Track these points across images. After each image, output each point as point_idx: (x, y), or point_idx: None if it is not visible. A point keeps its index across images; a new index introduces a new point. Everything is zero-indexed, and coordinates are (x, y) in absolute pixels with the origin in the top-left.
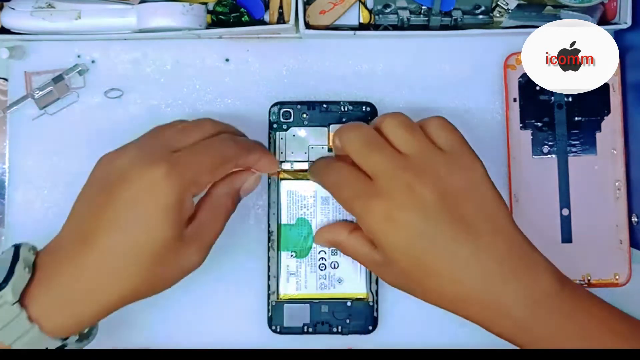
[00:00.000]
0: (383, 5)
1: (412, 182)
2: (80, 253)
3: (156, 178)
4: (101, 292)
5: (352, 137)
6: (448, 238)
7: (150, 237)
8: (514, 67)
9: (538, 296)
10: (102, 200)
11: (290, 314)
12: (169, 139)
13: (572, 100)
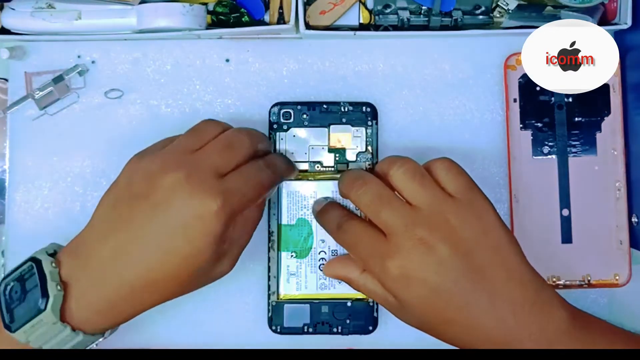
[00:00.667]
0: (383, 5)
1: (425, 238)
2: (120, 270)
3: (209, 211)
4: (139, 302)
5: (361, 193)
6: (464, 289)
7: (194, 260)
8: (514, 68)
9: (552, 336)
10: (145, 218)
11: (290, 314)
12: (214, 160)
13: (572, 100)
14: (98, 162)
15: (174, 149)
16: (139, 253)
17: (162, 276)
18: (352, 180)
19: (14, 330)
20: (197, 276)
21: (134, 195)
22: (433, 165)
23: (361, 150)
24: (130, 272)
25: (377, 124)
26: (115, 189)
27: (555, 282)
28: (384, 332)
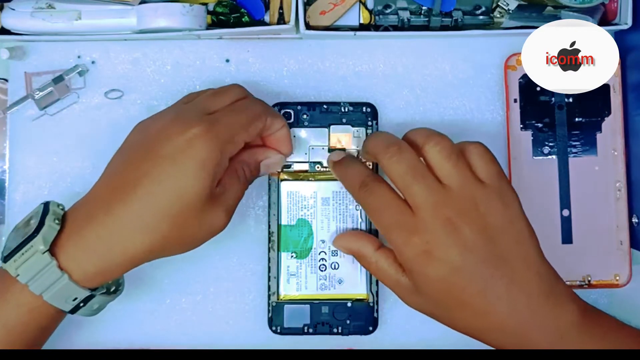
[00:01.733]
0: (383, 5)
1: (453, 219)
2: (112, 202)
3: (195, 135)
4: (131, 242)
5: (395, 161)
6: (484, 274)
7: (184, 189)
8: (515, 68)
9: (563, 328)
10: (139, 156)
11: (290, 315)
12: (203, 103)
13: (573, 101)
14: (98, 162)
15: (173, 107)
16: (132, 187)
17: (152, 208)
18: (385, 143)
19: (6, 260)
20: (191, 215)
21: (132, 144)
22: (467, 148)
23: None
24: (121, 205)
25: (377, 124)
26: (119, 149)
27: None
28: (384, 332)
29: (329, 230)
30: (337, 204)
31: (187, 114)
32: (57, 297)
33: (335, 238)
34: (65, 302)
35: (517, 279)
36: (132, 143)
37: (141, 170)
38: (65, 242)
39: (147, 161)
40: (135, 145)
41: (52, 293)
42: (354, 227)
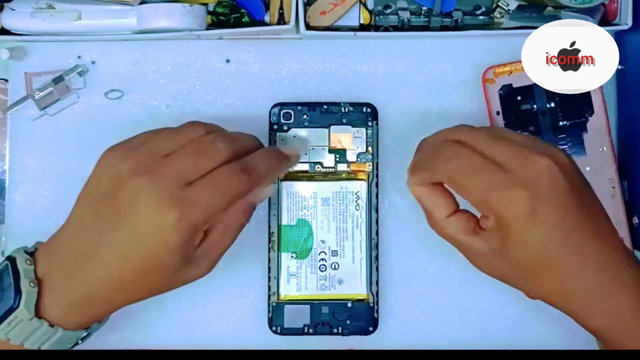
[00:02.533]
0: (383, 6)
1: (551, 169)
2: (87, 267)
3: (166, 223)
4: (110, 301)
5: (467, 132)
6: (581, 235)
7: (154, 267)
8: (493, 81)
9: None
10: (109, 220)
11: (290, 315)
12: (181, 167)
13: (555, 105)
14: None
15: (146, 149)
16: (104, 254)
17: (127, 278)
18: (447, 130)
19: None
20: (162, 281)
21: (101, 194)
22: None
23: (361, 151)
24: (98, 271)
25: (377, 125)
26: (87, 187)
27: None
28: (384, 333)
29: (329, 230)
30: (337, 204)
31: (164, 186)
32: (55, 345)
33: (414, 169)
34: (64, 345)
35: (605, 236)
36: (103, 192)
37: (111, 242)
38: (48, 301)
39: (116, 232)
40: (106, 199)
41: (49, 344)
42: (354, 227)
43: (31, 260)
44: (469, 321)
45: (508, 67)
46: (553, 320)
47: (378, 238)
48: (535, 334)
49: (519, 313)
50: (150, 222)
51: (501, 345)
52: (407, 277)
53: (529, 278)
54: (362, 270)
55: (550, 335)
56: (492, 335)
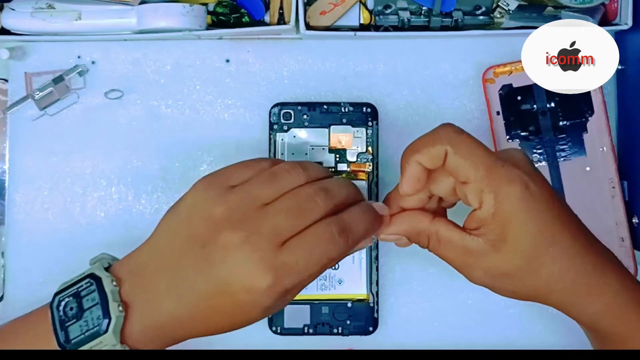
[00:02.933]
0: (383, 6)
1: (528, 161)
2: (174, 306)
3: (258, 288)
4: (187, 333)
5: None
6: (567, 209)
7: (239, 320)
8: (493, 81)
9: (625, 299)
10: (200, 266)
11: (290, 315)
12: (279, 224)
13: (555, 105)
14: (98, 162)
15: (243, 196)
16: (192, 300)
17: (204, 326)
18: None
19: (70, 349)
20: (242, 326)
21: (191, 235)
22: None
23: (361, 150)
24: (184, 314)
25: (377, 125)
26: (176, 217)
27: None
28: (384, 333)
29: None
30: None
31: (260, 245)
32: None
33: (381, 232)
34: None
35: (591, 239)
36: (194, 235)
37: (199, 289)
38: (128, 328)
39: (206, 281)
40: (197, 242)
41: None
42: None
43: (117, 282)
44: (469, 321)
45: (508, 67)
46: (553, 320)
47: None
48: (535, 334)
49: (519, 313)
50: (242, 282)
51: (501, 345)
52: (407, 277)
53: (523, 268)
54: (362, 271)
55: (550, 335)
56: (492, 335)
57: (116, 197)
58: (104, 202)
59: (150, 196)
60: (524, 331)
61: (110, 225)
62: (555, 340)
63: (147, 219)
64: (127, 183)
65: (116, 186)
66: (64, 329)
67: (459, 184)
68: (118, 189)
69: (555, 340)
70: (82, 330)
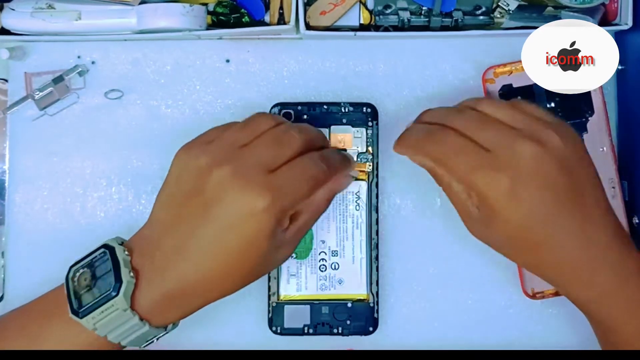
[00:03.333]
0: (383, 6)
1: (533, 152)
2: (181, 264)
3: (258, 208)
4: (202, 296)
5: (460, 117)
6: (562, 211)
7: (250, 256)
8: (493, 81)
9: (630, 271)
10: (199, 215)
11: (290, 315)
12: (262, 155)
13: (555, 105)
14: (98, 162)
15: (222, 142)
16: (195, 250)
17: (219, 273)
18: (445, 112)
19: (83, 315)
20: (255, 269)
21: (184, 192)
22: (513, 101)
23: (361, 151)
24: (190, 268)
25: (377, 125)
26: (167, 187)
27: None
28: (384, 333)
29: (329, 230)
30: (337, 204)
31: (249, 173)
32: (135, 342)
33: (402, 142)
34: (142, 342)
35: (591, 215)
36: (187, 190)
37: (203, 236)
38: (141, 295)
39: (207, 226)
40: (191, 195)
41: (131, 339)
42: (354, 227)
43: (128, 251)
44: (469, 321)
45: (508, 67)
46: (553, 320)
47: (378, 238)
48: (535, 334)
49: (519, 313)
50: (242, 209)
51: (501, 346)
52: (407, 277)
53: (512, 250)
54: (362, 271)
55: (551, 335)
56: (492, 335)
57: (116, 197)
58: (104, 202)
59: (150, 196)
60: (524, 331)
61: (110, 226)
62: (555, 340)
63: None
64: (127, 183)
65: (116, 186)
66: (77, 298)
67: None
68: (118, 189)
69: (555, 341)
70: (94, 296)
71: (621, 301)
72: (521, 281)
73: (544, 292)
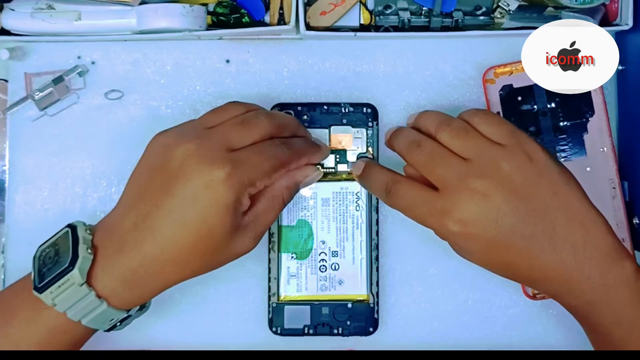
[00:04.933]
0: (384, 6)
1: (479, 187)
2: (139, 239)
3: (217, 179)
4: (161, 275)
5: (416, 154)
6: (524, 233)
7: (209, 231)
8: (493, 82)
9: (612, 283)
10: (160, 189)
11: (290, 316)
12: (227, 135)
13: (555, 106)
14: (98, 163)
15: (191, 124)
16: (157, 225)
17: (179, 248)
18: (406, 141)
19: (42, 290)
20: (215, 248)
21: (151, 167)
22: (472, 120)
23: (362, 151)
24: (150, 243)
25: (377, 125)
26: (138, 165)
27: None
28: (384, 333)
29: (329, 231)
30: (337, 204)
31: (210, 150)
32: (95, 322)
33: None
34: (103, 324)
35: (559, 232)
36: (152, 166)
37: (164, 209)
38: (99, 272)
39: (168, 199)
40: (156, 171)
41: (90, 318)
42: (354, 227)
43: (91, 231)
44: (469, 322)
45: (508, 68)
46: (553, 321)
47: (378, 239)
48: (535, 334)
49: (519, 313)
50: (200, 180)
51: (501, 346)
52: (408, 278)
53: (495, 270)
54: (363, 271)
55: (550, 335)
56: (492, 335)
57: (116, 198)
58: (104, 203)
59: None
60: (524, 332)
61: None
62: (555, 341)
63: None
64: None
65: (116, 187)
66: (40, 275)
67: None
68: (118, 189)
69: (555, 341)
70: (53, 273)
71: (609, 307)
72: None
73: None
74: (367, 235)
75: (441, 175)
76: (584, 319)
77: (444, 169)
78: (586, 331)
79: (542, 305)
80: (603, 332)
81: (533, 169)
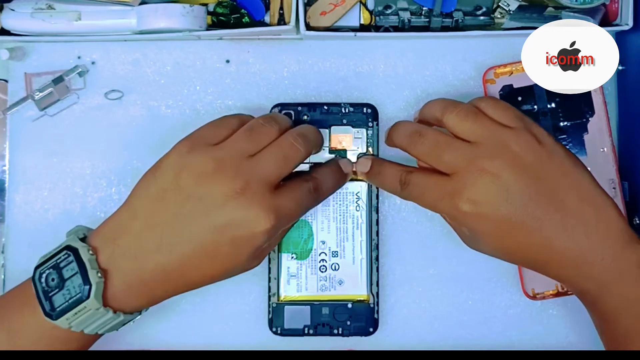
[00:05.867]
0: (384, 6)
1: (489, 167)
2: (154, 254)
3: (261, 228)
4: (173, 287)
5: (420, 145)
6: (537, 213)
7: (232, 264)
8: (493, 82)
9: (624, 265)
10: (191, 217)
11: (290, 316)
12: (270, 169)
13: (556, 106)
14: (98, 163)
15: (231, 151)
16: (183, 249)
17: (200, 272)
18: (407, 133)
19: (56, 317)
20: (230, 273)
21: (184, 192)
22: (479, 104)
23: (362, 151)
24: (171, 260)
25: (377, 125)
26: (161, 179)
27: (565, 289)
28: (384, 333)
29: (329, 231)
30: (337, 204)
31: (255, 189)
32: (111, 330)
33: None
34: (117, 327)
35: (571, 211)
36: (179, 186)
37: (195, 236)
38: (112, 291)
39: (201, 227)
40: (187, 195)
41: (106, 329)
42: (354, 228)
43: (93, 250)
44: (469, 322)
45: (509, 68)
46: (553, 321)
47: (378, 239)
48: (535, 334)
49: (519, 313)
50: (244, 225)
51: (501, 346)
52: (408, 278)
53: (505, 257)
54: (363, 271)
55: (550, 335)
56: (492, 335)
57: (116, 198)
58: (104, 203)
59: None
60: (524, 332)
61: None
62: (555, 341)
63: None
64: (127, 184)
65: (116, 187)
66: (48, 299)
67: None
68: (118, 189)
69: (555, 341)
70: (65, 298)
71: (620, 290)
72: (521, 282)
73: (544, 292)
74: (367, 235)
75: (449, 160)
76: (593, 304)
77: (451, 154)
78: (593, 318)
79: (542, 305)
80: (610, 318)
81: (542, 150)
